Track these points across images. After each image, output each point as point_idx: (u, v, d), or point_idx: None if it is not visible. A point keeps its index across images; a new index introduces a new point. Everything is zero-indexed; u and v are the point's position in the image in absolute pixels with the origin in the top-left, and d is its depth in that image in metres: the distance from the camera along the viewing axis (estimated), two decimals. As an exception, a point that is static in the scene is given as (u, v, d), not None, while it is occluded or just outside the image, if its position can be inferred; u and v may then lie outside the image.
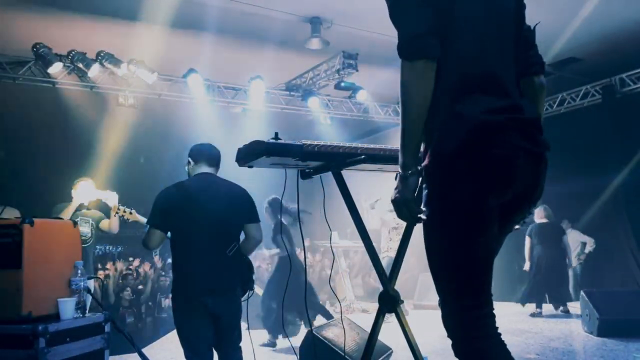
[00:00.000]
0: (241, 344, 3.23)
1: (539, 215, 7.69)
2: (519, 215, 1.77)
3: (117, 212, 4.43)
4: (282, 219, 5.71)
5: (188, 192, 3.12)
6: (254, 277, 3.27)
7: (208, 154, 3.27)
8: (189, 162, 3.29)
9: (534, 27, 1.90)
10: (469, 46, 1.63)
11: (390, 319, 3.29)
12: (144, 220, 3.85)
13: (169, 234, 3.16)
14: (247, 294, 3.20)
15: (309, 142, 2.12)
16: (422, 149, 1.69)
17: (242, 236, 3.28)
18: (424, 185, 1.67)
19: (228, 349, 3.15)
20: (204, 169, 3.23)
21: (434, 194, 1.64)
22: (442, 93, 1.61)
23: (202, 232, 3.05)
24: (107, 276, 7.78)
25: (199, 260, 3.03)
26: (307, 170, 2.34)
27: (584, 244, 8.85)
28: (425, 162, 1.65)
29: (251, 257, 3.35)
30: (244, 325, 3.23)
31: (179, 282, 3.09)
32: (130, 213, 4.30)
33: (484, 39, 1.65)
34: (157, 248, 3.23)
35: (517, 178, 1.60)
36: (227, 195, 3.19)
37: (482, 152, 1.55)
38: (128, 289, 7.70)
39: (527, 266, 7.69)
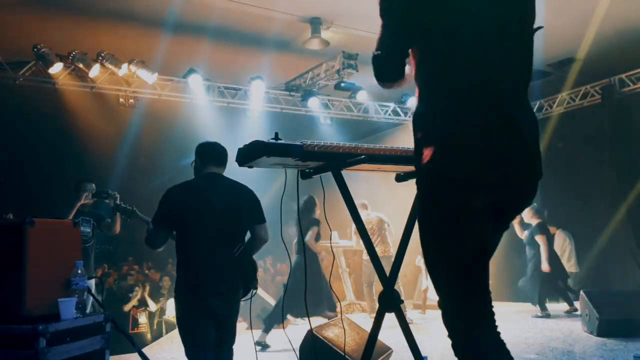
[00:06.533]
0: (240, 345, 3.22)
1: (529, 215, 7.29)
2: (512, 214, 1.78)
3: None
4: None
5: (195, 192, 3.10)
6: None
7: (215, 154, 3.24)
8: (195, 161, 3.26)
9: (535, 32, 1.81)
10: (469, 59, 1.61)
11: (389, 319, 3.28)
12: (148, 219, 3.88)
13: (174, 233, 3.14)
14: (251, 292, 3.18)
15: (309, 142, 2.12)
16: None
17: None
18: (417, 187, 1.70)
19: (223, 347, 3.13)
20: (212, 168, 3.20)
21: (426, 195, 1.67)
22: (439, 103, 1.63)
23: (209, 232, 3.03)
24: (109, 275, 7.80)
25: (205, 260, 3.02)
26: (307, 170, 2.34)
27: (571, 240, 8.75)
28: (417, 167, 1.67)
29: None
30: (245, 325, 3.22)
31: (184, 282, 3.07)
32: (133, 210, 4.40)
33: (486, 51, 1.61)
34: (161, 247, 3.22)
35: (506, 178, 1.61)
36: (234, 196, 3.17)
37: (470, 158, 1.56)
38: (136, 288, 7.71)
39: (545, 267, 7.09)
